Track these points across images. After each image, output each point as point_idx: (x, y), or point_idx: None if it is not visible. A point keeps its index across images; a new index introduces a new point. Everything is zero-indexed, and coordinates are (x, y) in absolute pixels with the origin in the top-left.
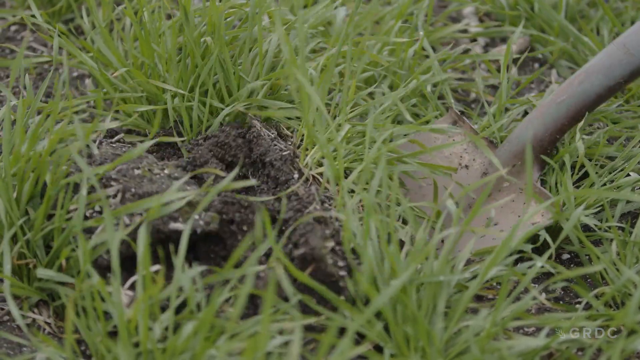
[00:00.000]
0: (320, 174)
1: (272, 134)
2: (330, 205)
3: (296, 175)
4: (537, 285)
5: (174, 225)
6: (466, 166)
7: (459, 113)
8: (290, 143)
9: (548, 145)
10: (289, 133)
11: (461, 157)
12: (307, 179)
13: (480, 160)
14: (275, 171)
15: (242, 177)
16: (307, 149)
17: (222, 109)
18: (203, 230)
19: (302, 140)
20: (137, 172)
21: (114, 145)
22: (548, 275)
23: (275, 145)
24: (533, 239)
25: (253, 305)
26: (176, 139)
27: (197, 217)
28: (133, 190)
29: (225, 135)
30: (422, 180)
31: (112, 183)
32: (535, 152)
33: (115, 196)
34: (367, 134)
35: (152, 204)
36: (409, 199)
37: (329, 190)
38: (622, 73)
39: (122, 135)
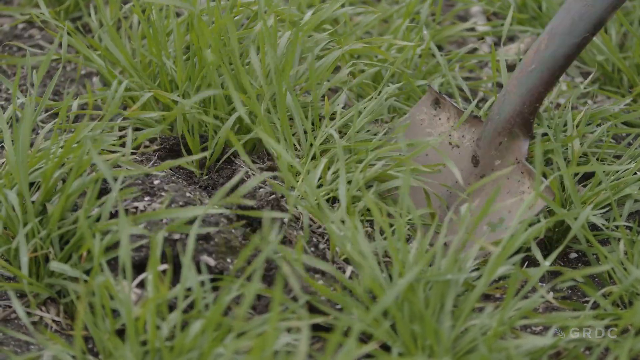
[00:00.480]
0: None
1: (263, 167)
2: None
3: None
4: (544, 284)
5: (204, 258)
6: (457, 145)
7: (438, 91)
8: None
9: (529, 116)
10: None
11: (450, 135)
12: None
13: (469, 137)
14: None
15: None
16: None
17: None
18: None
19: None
20: (155, 182)
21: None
22: (555, 274)
23: (261, 188)
24: (543, 243)
25: (260, 305)
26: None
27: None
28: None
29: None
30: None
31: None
32: (518, 125)
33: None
34: (339, 159)
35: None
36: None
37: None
38: (585, 27)
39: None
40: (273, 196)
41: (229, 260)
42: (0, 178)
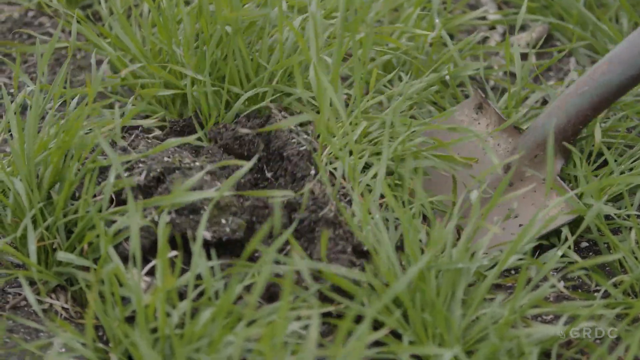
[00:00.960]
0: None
1: (293, 127)
2: (347, 203)
3: (313, 172)
4: (555, 273)
5: (203, 233)
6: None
7: (483, 96)
8: (309, 134)
9: (571, 136)
10: (311, 118)
11: (486, 141)
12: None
13: (505, 146)
14: (292, 166)
15: (259, 170)
16: (324, 145)
17: (241, 95)
18: (229, 239)
19: (319, 135)
20: (166, 159)
21: (149, 140)
22: (567, 263)
23: (293, 138)
24: (555, 233)
25: (269, 294)
26: (193, 138)
27: (223, 221)
28: (158, 170)
29: (241, 127)
30: (445, 170)
31: (140, 165)
32: (558, 142)
33: (140, 174)
34: (385, 127)
35: (177, 196)
36: (431, 192)
37: (345, 187)
38: None
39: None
40: (304, 147)
41: (223, 221)
42: (8, 166)
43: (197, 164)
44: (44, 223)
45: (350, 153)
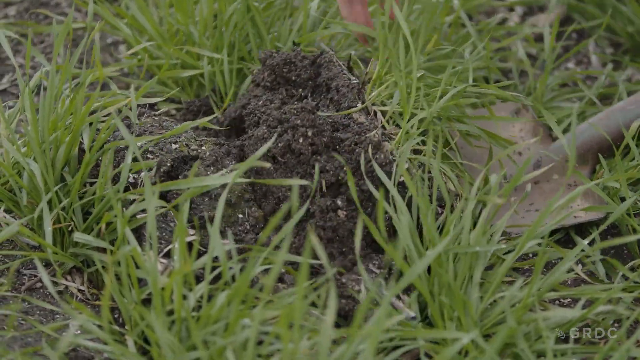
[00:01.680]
0: (382, 113)
1: (344, 64)
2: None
3: (359, 105)
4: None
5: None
6: (519, 153)
7: (524, 104)
8: (358, 78)
9: (606, 150)
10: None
11: (516, 142)
12: (369, 113)
13: (534, 150)
14: (339, 96)
15: (302, 98)
16: (375, 84)
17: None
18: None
19: (369, 79)
20: (174, 146)
21: (156, 117)
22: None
23: (344, 74)
24: (582, 233)
25: (288, 276)
26: (206, 120)
27: (240, 216)
28: (169, 164)
29: (294, 55)
30: (477, 149)
31: (149, 156)
32: (592, 153)
33: (150, 169)
34: (442, 83)
35: (192, 186)
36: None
37: (387, 129)
38: None
39: (159, 101)
40: (355, 81)
41: (240, 216)
42: (23, 146)
43: (204, 148)
44: (59, 204)
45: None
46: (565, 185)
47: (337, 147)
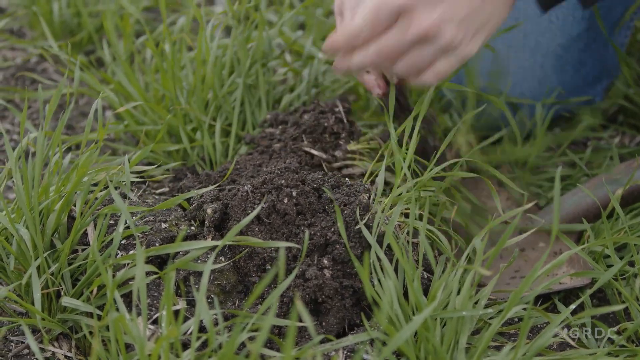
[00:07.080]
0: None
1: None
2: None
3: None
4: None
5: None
6: (506, 222)
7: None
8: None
9: (593, 219)
10: None
11: (503, 212)
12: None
13: (521, 219)
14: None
15: None
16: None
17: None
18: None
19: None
20: (164, 225)
21: (156, 196)
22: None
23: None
24: (569, 298)
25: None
26: (197, 192)
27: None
28: (157, 245)
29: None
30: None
31: (139, 234)
32: (577, 219)
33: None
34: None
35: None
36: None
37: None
38: None
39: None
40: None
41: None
42: (12, 213)
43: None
44: (48, 269)
45: None
46: (550, 252)
47: (326, 207)
